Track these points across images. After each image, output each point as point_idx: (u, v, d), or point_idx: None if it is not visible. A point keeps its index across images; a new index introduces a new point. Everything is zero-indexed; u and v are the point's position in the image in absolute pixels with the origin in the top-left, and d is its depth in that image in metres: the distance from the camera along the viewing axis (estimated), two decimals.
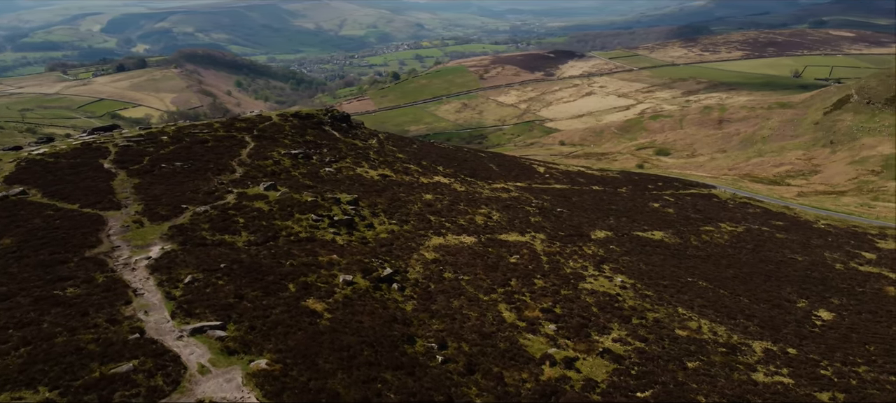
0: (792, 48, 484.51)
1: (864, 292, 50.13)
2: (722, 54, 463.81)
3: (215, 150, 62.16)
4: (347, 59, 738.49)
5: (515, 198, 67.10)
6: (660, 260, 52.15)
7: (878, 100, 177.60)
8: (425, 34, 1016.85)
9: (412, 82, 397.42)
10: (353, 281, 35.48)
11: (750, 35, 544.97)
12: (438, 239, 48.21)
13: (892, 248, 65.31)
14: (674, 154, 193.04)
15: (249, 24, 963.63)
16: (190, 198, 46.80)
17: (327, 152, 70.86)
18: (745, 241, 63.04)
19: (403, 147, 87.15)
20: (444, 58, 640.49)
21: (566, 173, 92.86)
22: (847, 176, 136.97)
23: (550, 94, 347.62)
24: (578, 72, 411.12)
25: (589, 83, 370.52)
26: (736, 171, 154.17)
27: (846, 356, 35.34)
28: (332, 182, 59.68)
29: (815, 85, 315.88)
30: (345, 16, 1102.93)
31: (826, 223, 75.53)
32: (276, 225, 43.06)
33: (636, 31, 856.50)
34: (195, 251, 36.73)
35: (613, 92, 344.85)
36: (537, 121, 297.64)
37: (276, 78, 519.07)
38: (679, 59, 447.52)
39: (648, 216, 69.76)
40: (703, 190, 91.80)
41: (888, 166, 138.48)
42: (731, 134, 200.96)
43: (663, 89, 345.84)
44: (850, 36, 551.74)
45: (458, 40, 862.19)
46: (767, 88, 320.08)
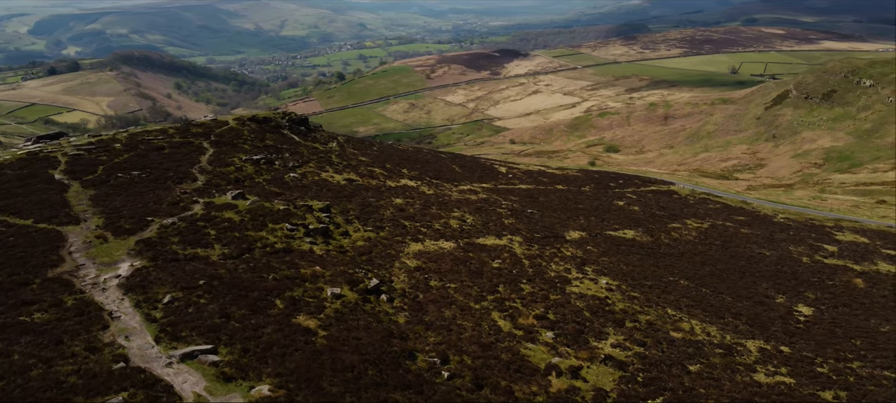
0: (727, 45, 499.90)
1: (835, 285, 51.07)
2: (661, 52, 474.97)
3: (173, 158, 59.28)
4: (289, 59, 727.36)
5: (485, 200, 66.23)
6: (637, 259, 52.04)
7: (816, 96, 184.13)
8: (368, 34, 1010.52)
9: (358, 83, 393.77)
10: (341, 293, 33.87)
11: (687, 33, 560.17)
12: (417, 246, 46.88)
13: (850, 240, 67.07)
14: (623, 150, 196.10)
15: (186, 24, 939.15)
16: (154, 210, 44.20)
17: (289, 157, 68.57)
18: (712, 237, 63.72)
19: (364, 149, 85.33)
20: (388, 58, 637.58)
21: (528, 173, 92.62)
22: (791, 169, 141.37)
23: (497, 93, 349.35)
24: (524, 70, 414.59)
25: (535, 81, 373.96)
26: (685, 167, 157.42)
27: (837, 352, 35.62)
28: (299, 188, 57.60)
29: (751, 81, 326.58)
30: (285, 16, 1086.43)
31: (784, 217, 77.22)
32: (249, 236, 40.99)
33: (576, 30, 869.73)
34: (168, 267, 34.47)
35: (559, 90, 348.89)
36: (486, 120, 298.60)
37: (217, 80, 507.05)
38: (621, 57, 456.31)
39: (616, 214, 69.90)
40: (662, 187, 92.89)
41: (829, 159, 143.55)
42: (677, 130, 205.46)
43: (607, 87, 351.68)
44: (780, 33, 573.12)
45: (401, 40, 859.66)
46: (707, 85, 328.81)
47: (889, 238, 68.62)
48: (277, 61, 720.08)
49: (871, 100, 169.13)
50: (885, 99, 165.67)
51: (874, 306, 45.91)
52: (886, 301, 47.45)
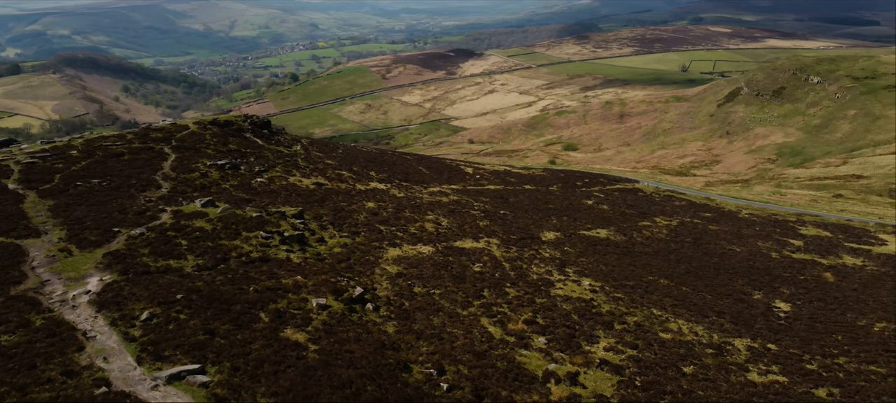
0: (677, 44, 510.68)
1: (807, 280, 51.87)
2: (613, 51, 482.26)
3: (134, 164, 56.97)
4: (241, 60, 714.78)
5: (457, 202, 65.48)
6: (615, 259, 51.98)
7: (766, 93, 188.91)
8: (320, 34, 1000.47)
9: (313, 84, 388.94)
10: (326, 304, 32.65)
11: (638, 32, 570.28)
12: (395, 251, 45.84)
13: (813, 235, 68.45)
14: (581, 149, 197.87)
15: (132, 25, 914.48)
16: (119, 220, 42.14)
17: (255, 161, 66.66)
18: (683, 235, 64.25)
19: (330, 152, 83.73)
20: (342, 58, 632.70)
21: (495, 173, 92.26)
22: (747, 164, 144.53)
23: (454, 93, 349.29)
24: (479, 70, 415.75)
25: (490, 81, 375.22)
26: (643, 164, 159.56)
27: (822, 348, 35.93)
28: (268, 193, 55.92)
29: (701, 79, 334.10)
30: (235, 16, 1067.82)
31: (748, 212, 78.53)
32: (223, 245, 39.38)
33: (529, 30, 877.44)
34: (141, 281, 32.76)
35: (515, 89, 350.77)
36: (443, 119, 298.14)
37: (167, 82, 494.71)
38: (574, 56, 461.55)
39: (586, 214, 69.96)
40: (628, 185, 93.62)
41: (782, 154, 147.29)
42: (633, 127, 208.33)
43: (562, 86, 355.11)
44: (727, 31, 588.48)
45: (354, 40, 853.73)
46: (658, 83, 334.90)
47: (850, 231, 70.30)
48: (228, 62, 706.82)
49: (819, 97, 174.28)
50: (832, 95, 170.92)
51: (847, 300, 46.69)
52: (857, 294, 48.33)
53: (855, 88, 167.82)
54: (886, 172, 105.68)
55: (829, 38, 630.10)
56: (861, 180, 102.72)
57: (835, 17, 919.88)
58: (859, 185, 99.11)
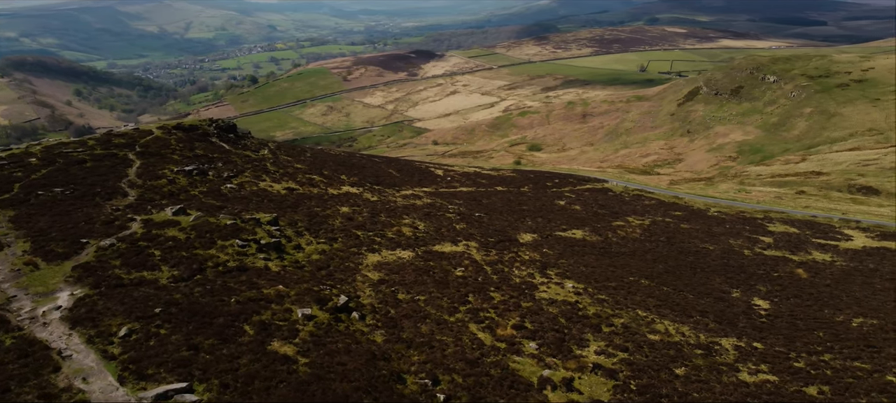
0: (634, 44, 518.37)
1: (781, 277, 52.51)
2: (573, 51, 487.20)
3: (97, 171, 54.85)
4: (197, 63, 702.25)
5: (431, 205, 64.79)
6: (594, 260, 51.90)
7: (725, 92, 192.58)
8: (278, 36, 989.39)
9: (273, 86, 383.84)
10: (312, 314, 31.66)
11: (596, 33, 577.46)
12: (375, 257, 44.96)
13: (782, 231, 69.56)
14: (546, 149, 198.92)
15: (83, 27, 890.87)
16: (87, 231, 40.37)
17: (223, 166, 64.95)
18: (657, 234, 64.61)
19: (298, 156, 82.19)
20: (301, 60, 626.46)
21: (466, 175, 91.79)
22: (708, 162, 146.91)
23: (416, 94, 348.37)
24: (441, 71, 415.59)
25: (452, 82, 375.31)
26: (608, 163, 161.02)
27: (806, 345, 36.23)
28: (239, 199, 54.45)
29: (659, 79, 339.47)
30: (190, 18, 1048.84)
31: (717, 210, 79.52)
32: (199, 255, 38.01)
33: (489, 31, 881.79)
34: (115, 294, 31.31)
35: (477, 90, 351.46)
36: (406, 121, 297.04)
37: (121, 85, 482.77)
38: (535, 57, 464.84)
39: (560, 214, 69.93)
40: (597, 185, 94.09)
41: (742, 152, 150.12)
42: (596, 127, 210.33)
43: (523, 86, 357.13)
44: (683, 32, 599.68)
45: (313, 42, 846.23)
46: (618, 83, 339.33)
47: (816, 228, 71.64)
48: (184, 65, 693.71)
49: (775, 95, 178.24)
50: (789, 93, 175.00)
51: (822, 296, 47.36)
52: (831, 290, 49.07)
53: (810, 87, 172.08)
54: (845, 169, 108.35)
55: (780, 37, 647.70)
56: (821, 177, 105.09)
57: (785, 17, 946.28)
58: (819, 182, 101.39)
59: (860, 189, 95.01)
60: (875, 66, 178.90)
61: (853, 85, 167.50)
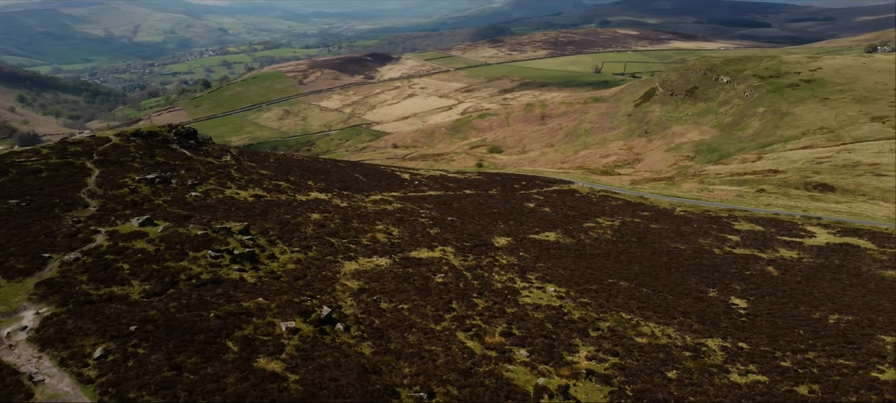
0: (588, 46, 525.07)
1: (753, 275, 53.12)
2: (528, 53, 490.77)
3: (54, 181, 52.37)
4: (146, 67, 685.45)
5: (402, 210, 63.82)
6: (571, 262, 51.67)
7: (680, 93, 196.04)
8: (230, 39, 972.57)
9: (227, 90, 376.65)
10: (296, 327, 30.49)
11: (551, 35, 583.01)
12: (352, 265, 43.83)
13: (747, 229, 70.64)
14: (506, 150, 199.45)
15: (25, 31, 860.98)
16: (48, 245, 38.29)
17: (186, 174, 62.88)
18: (627, 235, 64.86)
19: (262, 162, 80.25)
20: (254, 63, 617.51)
21: (432, 178, 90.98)
22: (667, 162, 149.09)
23: (373, 97, 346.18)
24: (398, 74, 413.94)
25: (410, 85, 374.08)
26: (569, 164, 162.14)
27: (789, 343, 36.49)
28: (206, 208, 52.67)
29: (613, 80, 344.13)
30: (138, 21, 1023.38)
31: (682, 209, 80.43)
32: (170, 267, 36.39)
33: (444, 33, 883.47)
34: (84, 312, 29.64)
35: (434, 92, 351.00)
36: (364, 124, 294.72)
37: (67, 90, 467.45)
38: (491, 59, 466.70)
39: (531, 217, 69.71)
40: (563, 186, 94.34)
41: (700, 151, 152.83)
42: (555, 128, 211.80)
43: (481, 88, 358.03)
44: (634, 34, 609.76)
45: (266, 45, 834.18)
46: (574, 84, 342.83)
47: (780, 225, 72.97)
48: (133, 69, 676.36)
49: (729, 96, 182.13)
50: (742, 93, 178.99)
51: (794, 293, 48.01)
52: (803, 287, 49.81)
53: (762, 87, 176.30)
54: (800, 166, 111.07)
55: (727, 39, 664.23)
56: (778, 175, 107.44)
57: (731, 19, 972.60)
58: (777, 180, 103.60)
59: (816, 186, 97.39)
60: (823, 66, 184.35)
61: (803, 85, 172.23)
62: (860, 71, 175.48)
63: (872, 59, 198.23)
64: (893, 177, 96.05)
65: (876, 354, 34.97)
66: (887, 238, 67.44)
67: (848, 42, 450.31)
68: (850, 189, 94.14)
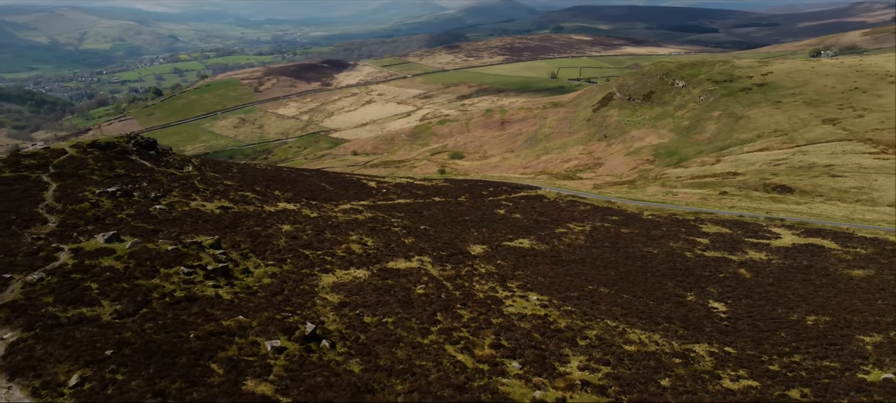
0: (544, 52, 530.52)
1: (726, 278, 53.58)
2: (485, 59, 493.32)
3: (9, 196, 49.84)
4: (94, 75, 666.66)
5: (374, 219, 62.72)
6: (548, 269, 51.34)
7: (637, 97, 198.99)
8: (181, 46, 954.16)
9: (180, 98, 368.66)
10: (281, 346, 29.25)
11: (506, 41, 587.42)
12: (330, 278, 42.64)
13: (715, 232, 71.51)
14: (467, 156, 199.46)
15: None
16: (8, 264, 36.17)
17: (148, 186, 60.65)
18: (600, 240, 64.95)
19: (225, 172, 78.17)
20: (207, 71, 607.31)
21: (400, 186, 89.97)
22: (628, 166, 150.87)
23: (331, 104, 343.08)
24: (355, 80, 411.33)
25: (368, 91, 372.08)
26: (531, 169, 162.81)
27: (773, 347, 36.66)
28: (172, 222, 50.77)
29: (570, 86, 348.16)
30: (85, 28, 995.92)
31: (650, 214, 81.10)
32: (141, 286, 34.72)
33: (399, 40, 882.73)
34: (54, 337, 27.92)
35: (392, 99, 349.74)
36: (322, 131, 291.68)
37: (10, 100, 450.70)
38: (448, 65, 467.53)
39: (502, 223, 69.34)
40: (531, 192, 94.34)
41: (659, 155, 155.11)
42: (515, 134, 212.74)
43: (439, 94, 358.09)
44: (588, 40, 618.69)
45: (219, 52, 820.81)
46: (531, 90, 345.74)
47: (745, 227, 74.08)
48: (80, 77, 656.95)
49: (685, 100, 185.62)
50: (697, 98, 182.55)
51: (769, 295, 48.52)
52: (776, 289, 50.40)
53: (716, 91, 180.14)
54: (758, 169, 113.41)
55: (677, 44, 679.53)
56: (737, 177, 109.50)
57: (680, 25, 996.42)
58: (737, 182, 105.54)
59: (775, 187, 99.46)
60: (773, 70, 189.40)
61: (755, 89, 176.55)
62: (809, 75, 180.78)
63: (820, 63, 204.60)
64: (849, 178, 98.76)
65: (858, 355, 35.35)
66: (849, 237, 69.00)
67: (792, 47, 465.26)
68: (807, 190, 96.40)
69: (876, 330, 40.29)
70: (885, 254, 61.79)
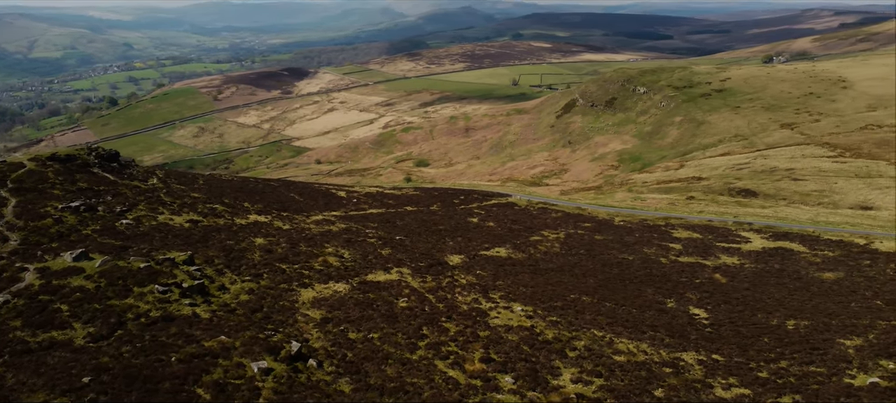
0: (504, 59, 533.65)
1: (703, 283, 53.95)
2: (446, 66, 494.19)
3: None
4: (45, 84, 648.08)
5: (348, 231, 61.64)
6: (528, 279, 51.01)
7: (600, 103, 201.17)
8: (136, 55, 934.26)
9: (137, 107, 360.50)
10: (268, 367, 28.16)
11: (467, 48, 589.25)
12: (309, 293, 41.54)
13: (686, 237, 72.17)
14: (433, 164, 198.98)
15: None
16: None
17: (113, 200, 58.57)
18: (575, 247, 64.95)
19: (191, 184, 76.17)
20: (164, 79, 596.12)
21: (371, 196, 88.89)
22: (593, 172, 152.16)
23: (292, 112, 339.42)
24: (316, 88, 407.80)
25: (329, 99, 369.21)
26: (497, 176, 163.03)
27: (759, 353, 36.83)
28: (141, 237, 49.00)
29: (531, 92, 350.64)
30: (34, 36, 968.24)
31: (621, 220, 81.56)
32: (114, 306, 33.23)
33: (359, 47, 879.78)
34: (25, 364, 26.44)
35: (355, 106, 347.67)
36: (284, 140, 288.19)
37: None
38: (409, 73, 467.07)
39: (477, 232, 68.88)
40: (501, 200, 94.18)
41: (623, 160, 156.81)
42: (480, 141, 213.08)
43: (401, 102, 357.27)
44: (548, 47, 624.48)
45: (175, 60, 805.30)
46: (493, 97, 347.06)
47: (715, 231, 74.95)
48: (30, 86, 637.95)
49: (646, 106, 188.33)
50: (658, 104, 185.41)
51: (747, 300, 48.94)
52: (752, 294, 50.88)
53: (677, 97, 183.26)
54: (722, 173, 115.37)
55: (634, 50, 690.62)
56: (702, 181, 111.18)
57: (636, 32, 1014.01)
58: (702, 186, 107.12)
59: (740, 192, 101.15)
60: (731, 76, 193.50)
61: (715, 94, 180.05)
62: (766, 80, 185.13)
63: (775, 69, 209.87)
64: (810, 182, 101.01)
65: (842, 359, 35.70)
66: (816, 240, 70.32)
67: (745, 53, 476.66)
68: (771, 194, 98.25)
69: (854, 333, 40.86)
70: (852, 257, 63.05)
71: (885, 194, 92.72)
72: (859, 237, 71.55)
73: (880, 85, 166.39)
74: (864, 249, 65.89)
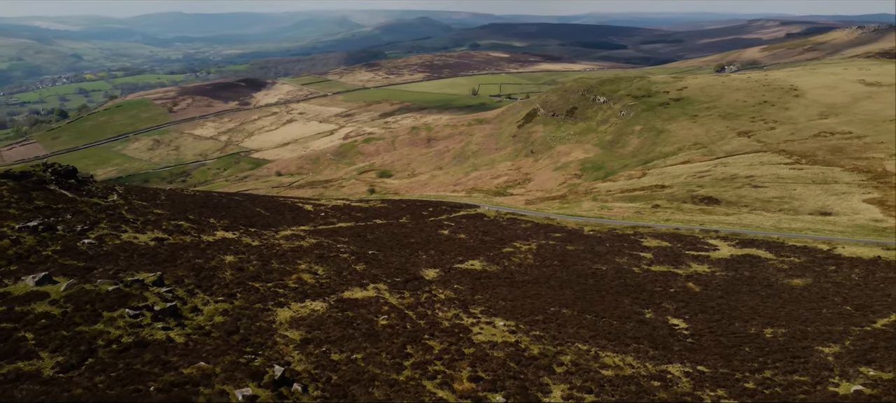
0: (463, 69, 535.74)
1: (678, 292, 54.27)
2: (406, 77, 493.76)
3: None
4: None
5: (319, 246, 60.41)
6: (506, 292, 50.56)
7: (560, 113, 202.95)
8: (86, 66, 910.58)
9: (88, 120, 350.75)
10: (252, 394, 27.00)
11: (426, 58, 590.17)
12: (286, 312, 40.33)
13: (656, 246, 72.78)
14: (396, 175, 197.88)
15: None
16: None
17: (73, 218, 56.26)
18: (548, 258, 64.83)
19: (153, 200, 73.88)
20: (115, 91, 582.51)
21: (338, 209, 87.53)
22: (557, 181, 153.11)
23: (250, 124, 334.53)
24: (274, 99, 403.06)
25: (288, 110, 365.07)
26: (461, 186, 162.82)
27: (743, 363, 36.95)
28: (104, 257, 47.05)
29: (491, 102, 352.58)
30: None
31: (590, 229, 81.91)
32: (84, 333, 31.62)
33: (316, 57, 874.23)
34: None
35: (314, 117, 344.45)
36: (242, 152, 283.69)
37: None
38: (369, 83, 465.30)
39: (449, 245, 68.29)
40: (470, 211, 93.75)
41: (586, 169, 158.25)
42: (442, 151, 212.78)
43: (361, 112, 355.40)
44: (506, 57, 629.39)
45: (127, 71, 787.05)
46: (453, 107, 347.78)
47: (683, 240, 75.80)
48: None
49: (607, 115, 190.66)
50: (618, 113, 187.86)
51: (722, 309, 49.32)
52: (726, 302, 51.34)
53: (636, 106, 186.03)
54: (684, 181, 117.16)
55: (590, 60, 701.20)
56: (665, 189, 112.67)
57: (591, 42, 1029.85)
58: (666, 194, 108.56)
59: (703, 199, 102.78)
60: (688, 85, 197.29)
61: (673, 103, 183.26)
62: (721, 89, 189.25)
63: (729, 78, 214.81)
64: (770, 189, 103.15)
65: (823, 367, 36.04)
66: (781, 247, 71.61)
67: (698, 62, 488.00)
68: (733, 201, 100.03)
69: (830, 340, 41.40)
70: (818, 262, 64.30)
71: (842, 200, 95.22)
72: (822, 243, 73.11)
73: (830, 93, 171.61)
74: (828, 255, 67.30)
